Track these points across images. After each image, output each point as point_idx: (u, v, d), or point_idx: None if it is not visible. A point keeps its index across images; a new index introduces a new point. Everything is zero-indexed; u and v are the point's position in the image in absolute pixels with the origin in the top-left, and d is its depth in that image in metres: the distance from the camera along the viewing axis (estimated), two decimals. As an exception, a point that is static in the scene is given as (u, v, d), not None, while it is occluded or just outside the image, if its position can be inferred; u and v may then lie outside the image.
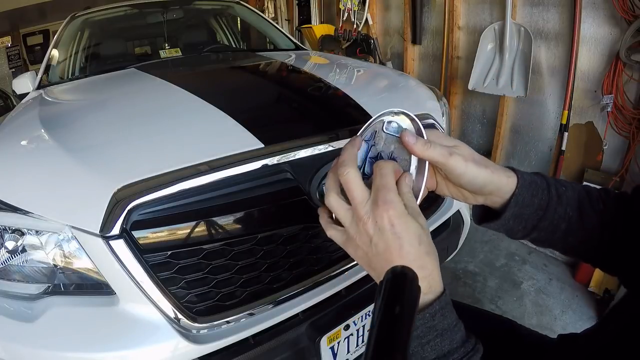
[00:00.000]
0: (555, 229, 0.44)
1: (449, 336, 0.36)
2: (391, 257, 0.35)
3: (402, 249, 0.35)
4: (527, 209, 0.43)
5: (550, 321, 1.57)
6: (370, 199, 0.37)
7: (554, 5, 1.94)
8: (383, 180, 0.37)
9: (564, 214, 0.43)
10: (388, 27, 3.18)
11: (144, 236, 0.71)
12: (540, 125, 2.13)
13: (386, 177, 0.38)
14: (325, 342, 0.82)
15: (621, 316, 0.39)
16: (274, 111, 1.08)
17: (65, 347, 0.69)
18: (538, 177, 0.44)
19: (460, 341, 0.36)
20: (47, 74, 1.75)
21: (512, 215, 0.43)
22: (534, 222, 0.44)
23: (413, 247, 0.35)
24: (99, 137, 0.92)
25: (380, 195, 0.36)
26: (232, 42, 2.74)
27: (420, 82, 1.40)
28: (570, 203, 0.44)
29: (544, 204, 0.43)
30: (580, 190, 0.45)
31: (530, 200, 0.43)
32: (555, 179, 0.46)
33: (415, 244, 0.35)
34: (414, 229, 0.36)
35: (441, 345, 0.35)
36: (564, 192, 0.44)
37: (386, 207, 0.36)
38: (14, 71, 7.16)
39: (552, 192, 0.43)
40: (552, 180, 0.45)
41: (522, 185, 0.42)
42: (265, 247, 0.77)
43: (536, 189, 0.43)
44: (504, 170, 0.43)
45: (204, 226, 0.74)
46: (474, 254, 2.00)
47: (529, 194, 0.43)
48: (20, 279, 0.76)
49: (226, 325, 0.76)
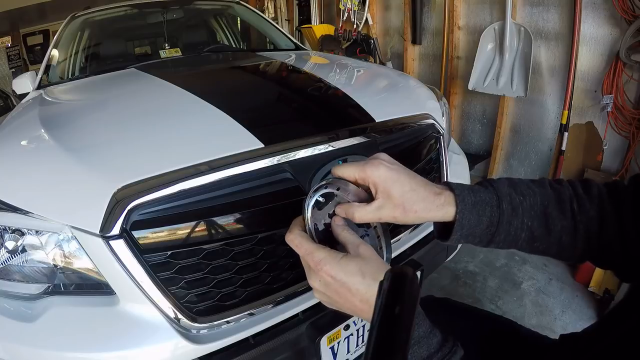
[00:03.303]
0: (515, 238, 0.44)
1: (425, 342, 0.38)
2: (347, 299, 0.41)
3: (351, 291, 0.40)
4: (477, 227, 0.43)
5: (550, 321, 1.57)
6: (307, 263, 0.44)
7: (554, 5, 1.94)
8: (301, 250, 0.44)
9: (522, 225, 0.43)
10: (388, 27, 3.18)
11: (144, 236, 0.71)
12: (540, 125, 2.13)
13: (300, 246, 0.45)
14: (325, 342, 0.82)
15: (625, 317, 0.39)
16: (274, 111, 1.08)
17: (65, 347, 0.69)
18: (488, 193, 0.44)
19: (437, 345, 0.39)
20: (47, 74, 1.75)
21: (460, 237, 0.44)
22: (488, 238, 0.44)
23: (361, 284, 0.39)
24: (99, 137, 0.92)
25: (309, 260, 0.43)
26: (232, 42, 2.74)
27: (420, 82, 1.40)
28: (528, 213, 0.43)
29: (494, 220, 0.43)
30: (545, 195, 0.44)
31: (477, 220, 0.43)
32: (513, 186, 0.44)
33: (359, 279, 0.39)
34: (353, 268, 0.40)
35: (419, 352, 0.38)
36: (521, 203, 0.43)
37: (319, 266, 0.41)
38: (14, 71, 7.17)
39: (503, 207, 0.43)
40: (505, 192, 0.44)
41: (462, 210, 0.42)
42: (265, 247, 0.77)
43: (483, 208, 0.43)
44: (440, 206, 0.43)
45: (204, 226, 0.74)
46: (474, 254, 2.00)
47: (474, 215, 0.43)
48: (20, 279, 0.76)
49: (226, 325, 0.76)
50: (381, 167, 0.44)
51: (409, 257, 1.00)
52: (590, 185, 0.45)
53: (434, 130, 1.10)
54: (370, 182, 0.44)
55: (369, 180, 0.44)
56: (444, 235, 0.47)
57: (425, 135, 1.08)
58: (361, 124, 0.95)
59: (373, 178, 0.44)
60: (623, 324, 0.38)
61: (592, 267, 1.68)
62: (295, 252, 0.47)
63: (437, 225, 0.49)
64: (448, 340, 0.40)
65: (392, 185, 0.43)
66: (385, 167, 0.44)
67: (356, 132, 0.89)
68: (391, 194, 0.43)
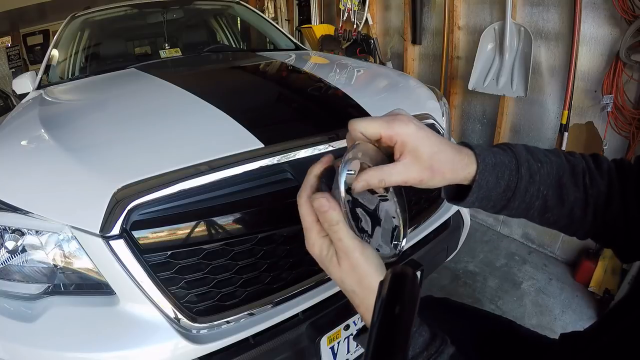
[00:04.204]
0: (529, 206, 0.42)
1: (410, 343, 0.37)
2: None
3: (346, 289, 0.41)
4: (493, 191, 0.41)
5: (550, 321, 1.57)
6: None
7: (554, 5, 1.94)
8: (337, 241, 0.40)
9: (538, 193, 0.42)
10: (388, 27, 3.17)
11: (144, 236, 0.71)
12: (540, 125, 2.13)
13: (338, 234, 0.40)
14: (325, 342, 0.82)
15: (625, 314, 0.39)
16: (274, 111, 1.08)
17: (65, 347, 0.69)
18: (507, 156, 0.42)
19: (422, 345, 0.38)
20: (47, 74, 1.75)
21: (477, 199, 0.42)
22: (503, 203, 0.42)
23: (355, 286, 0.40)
24: (99, 137, 0.92)
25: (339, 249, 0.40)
26: (232, 42, 2.74)
27: (420, 82, 1.40)
28: (545, 181, 0.42)
29: (512, 185, 0.41)
30: (560, 165, 0.43)
31: (495, 183, 0.41)
32: (530, 153, 0.43)
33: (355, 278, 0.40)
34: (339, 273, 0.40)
35: None
36: (539, 170, 0.42)
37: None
38: (14, 71, 7.17)
39: (521, 172, 0.41)
40: (524, 158, 0.42)
41: (483, 170, 0.40)
42: (265, 247, 0.77)
43: (502, 171, 0.41)
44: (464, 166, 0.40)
45: (204, 226, 0.74)
46: (474, 254, 2.00)
47: (493, 177, 0.41)
48: (20, 279, 0.76)
49: (226, 325, 0.76)
50: (411, 125, 0.39)
51: (409, 257, 1.00)
52: (600, 160, 0.44)
53: (434, 130, 1.10)
54: (398, 141, 0.39)
55: (397, 138, 0.39)
56: (456, 197, 0.44)
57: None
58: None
59: (402, 136, 0.38)
60: (622, 321, 0.38)
61: (592, 267, 1.68)
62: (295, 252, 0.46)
63: (449, 187, 0.46)
64: (435, 339, 0.38)
65: (422, 144, 0.39)
66: (415, 125, 0.39)
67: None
68: (420, 154, 0.39)
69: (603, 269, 1.65)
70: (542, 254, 1.96)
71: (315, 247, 0.41)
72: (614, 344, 0.37)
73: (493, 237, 2.12)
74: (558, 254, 1.92)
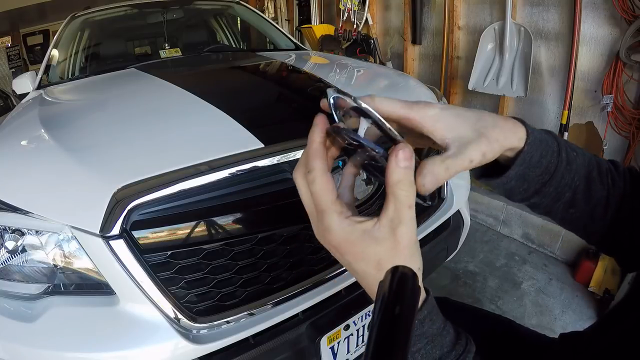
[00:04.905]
0: (559, 196, 0.40)
1: (439, 341, 0.34)
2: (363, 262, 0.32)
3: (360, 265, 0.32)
4: (534, 170, 0.38)
5: (550, 321, 1.57)
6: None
7: (554, 5, 1.94)
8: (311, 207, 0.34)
9: (571, 182, 0.39)
10: (388, 27, 3.18)
11: (144, 236, 0.71)
12: (540, 125, 2.13)
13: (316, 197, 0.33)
14: (325, 342, 0.82)
15: (625, 315, 0.39)
16: (274, 111, 1.08)
17: (65, 347, 0.69)
18: (549, 137, 0.39)
19: (450, 345, 0.35)
20: (47, 74, 1.75)
21: (516, 175, 0.38)
22: (537, 186, 0.39)
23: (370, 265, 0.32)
24: (99, 137, 0.92)
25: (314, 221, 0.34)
26: (232, 42, 2.74)
27: (420, 82, 1.40)
28: (579, 171, 0.40)
29: (552, 168, 0.38)
30: (590, 159, 0.41)
31: (538, 161, 0.38)
32: (566, 142, 0.41)
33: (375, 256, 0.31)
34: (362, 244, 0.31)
35: (432, 352, 0.33)
36: (575, 159, 0.39)
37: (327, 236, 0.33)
38: (14, 71, 7.17)
39: (562, 156, 0.39)
40: (563, 143, 0.40)
41: (532, 142, 0.37)
42: (265, 247, 0.77)
43: (546, 149, 0.38)
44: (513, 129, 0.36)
45: (204, 226, 0.74)
46: (474, 254, 2.00)
47: (537, 153, 0.37)
48: (20, 279, 0.76)
49: (226, 325, 0.76)
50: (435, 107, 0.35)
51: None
52: (617, 164, 0.43)
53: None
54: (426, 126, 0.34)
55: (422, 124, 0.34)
56: (487, 173, 0.40)
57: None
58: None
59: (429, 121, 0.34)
60: (623, 322, 0.38)
61: (592, 267, 1.68)
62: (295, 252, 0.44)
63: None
64: (461, 337, 0.36)
65: (456, 120, 0.34)
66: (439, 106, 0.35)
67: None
68: (459, 131, 0.34)
69: (603, 269, 1.65)
70: (542, 254, 1.96)
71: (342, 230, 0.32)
72: (615, 345, 0.37)
73: (493, 237, 2.12)
74: (558, 254, 1.92)
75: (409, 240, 0.31)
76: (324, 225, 0.32)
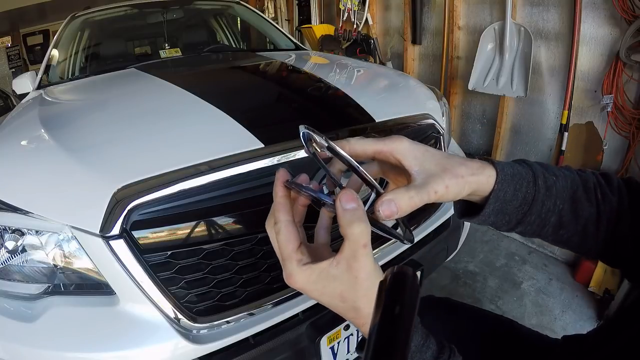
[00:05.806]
0: (544, 222, 0.41)
1: (418, 357, 0.36)
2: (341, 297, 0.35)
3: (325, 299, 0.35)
4: (510, 203, 0.39)
5: (550, 321, 1.57)
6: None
7: (554, 5, 1.94)
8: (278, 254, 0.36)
9: (554, 207, 0.40)
10: (388, 27, 3.18)
11: (144, 236, 0.71)
12: (540, 125, 2.13)
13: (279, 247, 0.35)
14: (325, 342, 0.82)
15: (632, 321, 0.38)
16: (274, 111, 1.08)
17: (65, 347, 0.69)
18: (524, 168, 0.41)
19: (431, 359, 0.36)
20: (47, 74, 1.75)
21: (493, 211, 0.40)
22: (518, 217, 0.40)
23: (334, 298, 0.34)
24: (99, 137, 0.92)
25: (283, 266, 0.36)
26: (232, 42, 2.74)
27: (420, 82, 1.40)
28: (561, 194, 0.40)
29: (529, 198, 0.40)
30: (574, 179, 0.42)
31: (513, 195, 0.39)
32: (544, 168, 0.42)
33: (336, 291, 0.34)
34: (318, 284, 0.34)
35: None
36: (554, 183, 0.40)
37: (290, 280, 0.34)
38: (14, 71, 7.17)
39: (539, 184, 0.40)
40: (539, 171, 0.41)
41: (502, 179, 0.38)
42: (265, 247, 0.77)
43: (520, 182, 0.39)
44: (480, 167, 0.38)
45: (204, 226, 0.74)
46: (474, 254, 2.00)
47: (511, 188, 0.39)
48: (20, 279, 0.76)
49: (226, 325, 0.76)
50: (404, 140, 0.37)
51: (409, 257, 1.00)
52: (610, 177, 0.43)
53: (434, 131, 1.10)
54: (398, 156, 0.37)
55: (393, 153, 0.37)
56: (469, 213, 0.42)
57: (425, 135, 1.08)
58: (361, 124, 0.95)
59: (400, 151, 0.37)
60: (630, 329, 0.38)
61: (592, 267, 1.68)
62: None
63: (460, 203, 0.44)
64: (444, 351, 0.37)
65: (424, 155, 0.37)
66: (408, 140, 0.38)
67: (356, 132, 0.89)
68: (425, 164, 0.36)
69: (603, 269, 1.65)
70: (542, 254, 1.96)
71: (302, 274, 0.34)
72: (622, 351, 0.37)
73: (493, 237, 2.12)
74: (558, 254, 1.92)
75: (367, 272, 0.33)
76: (287, 271, 0.35)
